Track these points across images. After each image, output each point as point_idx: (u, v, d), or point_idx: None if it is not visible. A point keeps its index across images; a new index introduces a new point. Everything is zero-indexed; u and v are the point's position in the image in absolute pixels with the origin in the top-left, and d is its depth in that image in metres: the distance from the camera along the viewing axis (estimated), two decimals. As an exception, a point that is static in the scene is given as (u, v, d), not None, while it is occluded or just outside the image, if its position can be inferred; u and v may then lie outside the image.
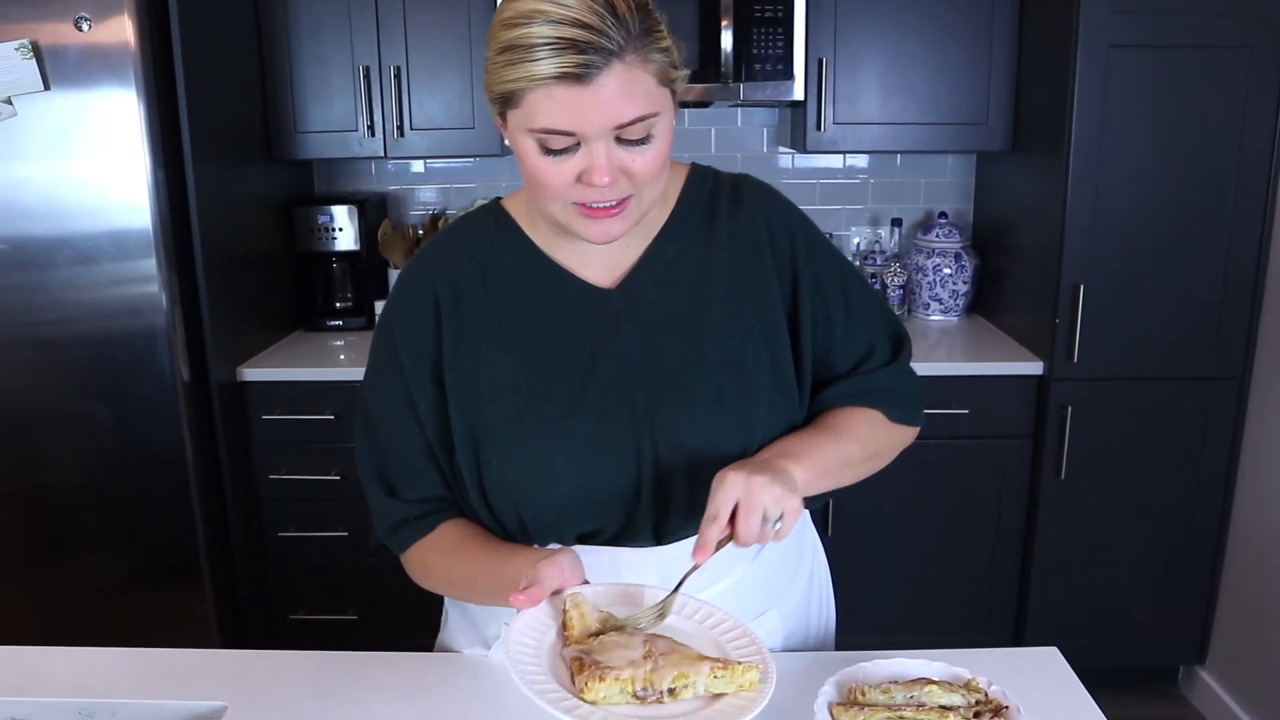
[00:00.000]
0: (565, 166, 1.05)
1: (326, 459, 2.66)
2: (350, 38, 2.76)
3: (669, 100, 1.07)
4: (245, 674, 1.24)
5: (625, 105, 1.01)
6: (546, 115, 1.01)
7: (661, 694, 0.97)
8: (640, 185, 1.08)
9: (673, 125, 1.10)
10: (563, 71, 0.98)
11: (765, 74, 2.70)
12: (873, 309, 1.30)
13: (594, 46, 0.98)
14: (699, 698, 0.98)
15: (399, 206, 3.28)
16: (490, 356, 1.19)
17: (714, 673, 0.98)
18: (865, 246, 3.24)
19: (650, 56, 1.02)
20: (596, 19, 0.98)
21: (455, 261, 1.22)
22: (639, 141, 1.05)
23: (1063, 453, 2.61)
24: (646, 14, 1.03)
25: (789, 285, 1.23)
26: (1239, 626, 2.66)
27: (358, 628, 2.80)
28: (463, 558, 1.20)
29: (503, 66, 1.02)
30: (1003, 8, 2.72)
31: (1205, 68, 2.39)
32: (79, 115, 2.27)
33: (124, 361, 2.39)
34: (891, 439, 1.28)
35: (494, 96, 1.06)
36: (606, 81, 1.00)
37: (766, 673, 1.00)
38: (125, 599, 2.56)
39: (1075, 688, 1.18)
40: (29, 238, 2.33)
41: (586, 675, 0.96)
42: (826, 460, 1.17)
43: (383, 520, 1.25)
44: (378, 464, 1.25)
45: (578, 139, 1.03)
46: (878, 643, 1.26)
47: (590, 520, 1.18)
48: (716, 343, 1.19)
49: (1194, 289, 2.52)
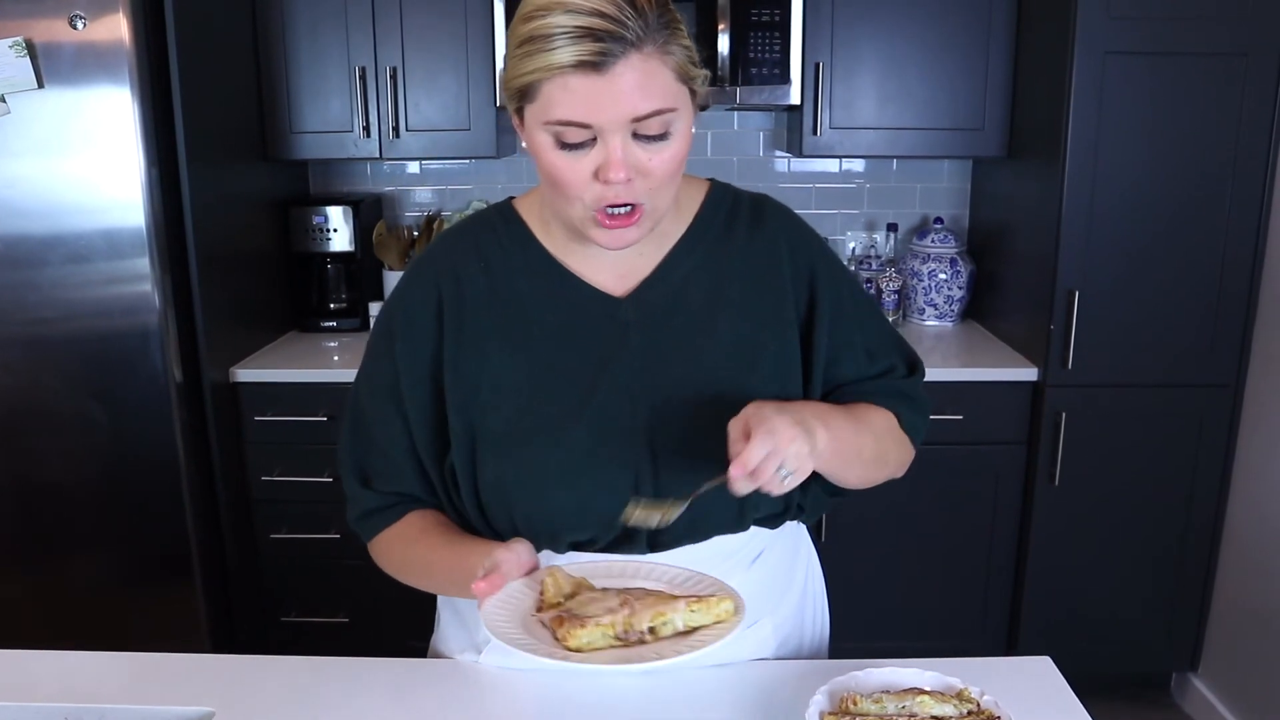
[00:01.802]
0: (581, 163, 1.03)
1: (320, 461, 2.65)
2: (346, 38, 2.76)
3: (688, 99, 1.06)
4: (234, 679, 1.23)
5: (642, 97, 1.00)
6: (562, 106, 1.00)
7: (643, 633, 1.00)
8: (655, 187, 1.06)
9: (691, 127, 1.08)
10: (579, 60, 0.97)
11: (762, 78, 2.70)
12: (889, 338, 1.30)
13: (612, 35, 0.97)
14: (678, 634, 1.01)
15: (394, 207, 3.27)
16: (492, 358, 1.18)
17: (690, 607, 1.02)
18: (861, 251, 3.24)
19: (669, 49, 1.02)
20: (615, 9, 0.98)
21: (462, 260, 1.21)
22: (656, 138, 1.03)
23: (1057, 459, 2.60)
24: (665, 9, 1.02)
25: (805, 309, 1.22)
26: (1232, 634, 2.66)
27: (350, 630, 2.79)
28: (422, 546, 1.22)
29: (520, 59, 1.01)
30: (1000, 14, 2.72)
31: (1201, 74, 2.39)
32: (73, 113, 2.26)
33: (116, 361, 2.39)
34: (896, 450, 1.27)
35: (511, 93, 1.05)
36: (623, 71, 0.99)
37: (740, 604, 1.04)
38: (117, 599, 2.55)
39: (1067, 697, 1.18)
40: (22, 236, 2.32)
41: (568, 626, 0.99)
42: (847, 445, 1.15)
43: (354, 508, 1.27)
44: (358, 452, 1.26)
45: (594, 133, 1.01)
46: (871, 648, 1.26)
47: (584, 529, 1.18)
48: (725, 363, 1.18)
49: (1189, 296, 2.52)
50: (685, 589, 1.08)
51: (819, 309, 1.21)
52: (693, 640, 1.00)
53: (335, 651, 1.28)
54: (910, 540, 2.75)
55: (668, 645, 0.99)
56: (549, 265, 1.20)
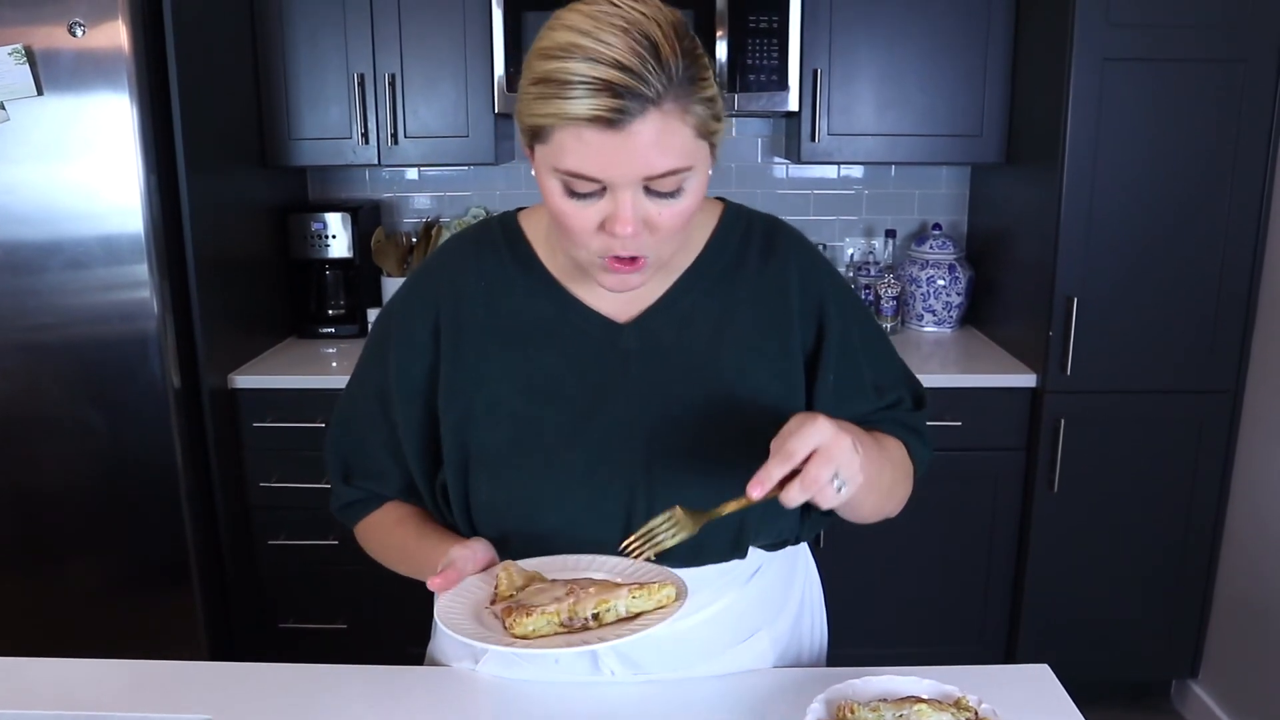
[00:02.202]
0: (589, 211, 1.00)
1: (318, 467, 2.61)
2: (345, 45, 2.76)
3: (706, 154, 1.02)
4: (231, 686, 1.23)
5: (658, 156, 0.96)
6: (574, 157, 0.96)
7: (586, 620, 1.02)
8: (661, 241, 1.03)
9: (706, 181, 1.04)
10: (595, 114, 0.93)
11: (760, 84, 2.70)
12: (898, 371, 1.28)
13: (631, 92, 0.93)
14: (621, 619, 1.03)
15: (393, 214, 3.27)
16: (489, 381, 1.16)
17: (632, 594, 1.04)
18: (859, 257, 3.24)
19: (691, 108, 0.97)
20: (638, 61, 0.93)
21: (463, 279, 1.19)
22: (668, 194, 1.00)
23: (1056, 465, 2.60)
24: (694, 59, 0.98)
25: (812, 342, 1.19)
26: (1232, 640, 2.65)
27: (348, 636, 2.79)
28: (396, 536, 1.25)
29: (534, 99, 0.97)
30: (998, 21, 2.73)
31: (1199, 81, 2.40)
32: (72, 120, 2.26)
33: (115, 367, 2.39)
34: (904, 484, 1.24)
35: (523, 128, 1.01)
36: (641, 129, 0.94)
37: (682, 589, 1.05)
38: (115, 605, 2.55)
39: (1066, 705, 1.17)
40: (21, 242, 2.32)
41: (515, 615, 1.01)
42: (872, 471, 1.10)
43: (336, 499, 1.31)
44: (344, 448, 1.29)
45: (604, 184, 0.98)
46: (869, 655, 1.25)
47: (576, 552, 1.16)
48: (725, 395, 1.16)
49: (1188, 302, 2.52)
50: (629, 577, 1.10)
51: (825, 343, 1.19)
52: (634, 624, 1.02)
53: (334, 658, 1.28)
54: (909, 546, 2.75)
55: (609, 630, 1.02)
56: (551, 288, 1.18)
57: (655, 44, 0.95)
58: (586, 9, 0.97)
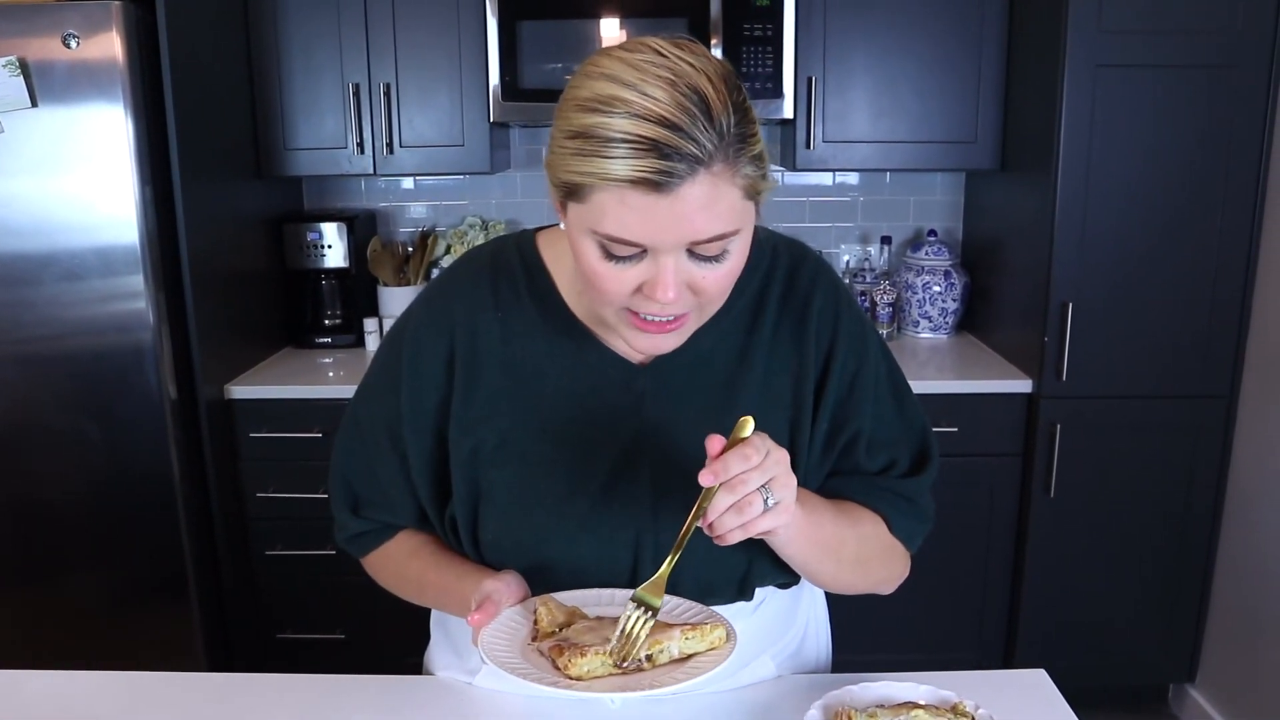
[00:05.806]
0: (627, 274, 0.94)
1: (315, 477, 2.64)
2: (340, 54, 2.76)
3: (752, 214, 0.96)
4: (228, 697, 1.23)
5: (706, 221, 0.90)
6: (615, 221, 0.90)
7: (640, 661, 1.02)
8: (704, 303, 0.98)
9: (750, 241, 0.98)
10: (640, 176, 0.87)
11: (755, 92, 2.71)
12: (905, 418, 1.21)
13: (679, 153, 0.86)
14: (674, 660, 1.04)
15: (388, 223, 3.27)
16: (500, 418, 1.13)
17: (684, 635, 1.04)
18: (855, 264, 3.25)
19: (741, 169, 0.91)
20: (686, 119, 0.87)
21: (479, 309, 1.14)
22: (712, 258, 0.94)
23: (1052, 471, 2.61)
24: (743, 115, 0.92)
25: (820, 372, 1.15)
26: (1229, 645, 2.65)
27: (346, 647, 2.78)
28: (414, 567, 1.22)
29: (571, 155, 0.90)
30: (991, 28, 2.74)
31: (1192, 87, 2.41)
32: (67, 132, 2.26)
33: (111, 378, 2.38)
34: (882, 560, 1.20)
35: (557, 183, 0.94)
36: (689, 193, 0.88)
37: (731, 630, 1.06)
38: (112, 616, 2.54)
39: (1063, 710, 1.17)
40: (16, 254, 2.32)
41: (569, 655, 1.00)
42: (825, 534, 1.07)
43: (343, 530, 1.26)
44: (352, 477, 1.23)
45: (645, 248, 0.92)
46: (867, 661, 1.25)
47: (582, 589, 1.15)
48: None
49: (1182, 307, 2.53)
50: (676, 617, 1.09)
51: (826, 387, 1.15)
52: (689, 667, 1.02)
53: (332, 668, 1.28)
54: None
55: (664, 672, 1.01)
56: (568, 324, 1.13)
57: (705, 99, 0.89)
58: (629, 57, 0.91)
